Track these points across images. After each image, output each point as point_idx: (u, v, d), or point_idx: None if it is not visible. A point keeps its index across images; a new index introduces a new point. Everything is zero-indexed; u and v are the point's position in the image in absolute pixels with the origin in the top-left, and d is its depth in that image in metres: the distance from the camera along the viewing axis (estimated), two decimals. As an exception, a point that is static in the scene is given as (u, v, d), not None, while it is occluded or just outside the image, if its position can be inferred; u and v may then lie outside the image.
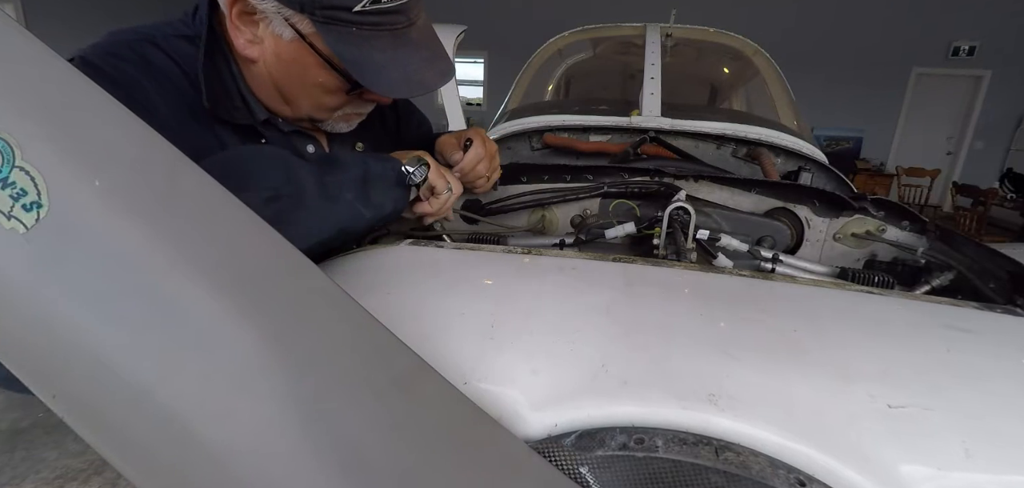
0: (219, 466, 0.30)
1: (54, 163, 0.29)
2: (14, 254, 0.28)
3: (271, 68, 0.60)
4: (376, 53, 0.57)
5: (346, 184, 0.60)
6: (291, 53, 0.58)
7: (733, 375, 0.40)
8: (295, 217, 0.55)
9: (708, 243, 0.79)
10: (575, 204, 0.94)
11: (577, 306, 0.50)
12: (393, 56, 0.58)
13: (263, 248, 0.34)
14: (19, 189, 0.28)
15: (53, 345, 0.29)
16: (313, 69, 0.59)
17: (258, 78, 0.62)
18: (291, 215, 0.55)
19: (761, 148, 1.33)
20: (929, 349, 0.46)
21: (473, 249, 0.65)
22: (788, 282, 0.59)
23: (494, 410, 0.37)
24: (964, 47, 6.93)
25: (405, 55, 0.59)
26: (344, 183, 0.60)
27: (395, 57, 0.59)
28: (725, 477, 0.34)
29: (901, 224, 0.84)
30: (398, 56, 0.59)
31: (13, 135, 0.28)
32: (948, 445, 0.35)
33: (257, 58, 0.60)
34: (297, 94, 0.63)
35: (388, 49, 0.58)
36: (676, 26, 1.73)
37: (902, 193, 6.00)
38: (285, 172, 0.56)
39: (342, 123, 0.70)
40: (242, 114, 0.63)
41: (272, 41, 0.58)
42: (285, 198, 0.54)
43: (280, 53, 0.58)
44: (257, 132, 0.65)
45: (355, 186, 0.61)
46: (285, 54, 0.58)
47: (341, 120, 0.69)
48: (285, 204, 0.54)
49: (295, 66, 0.59)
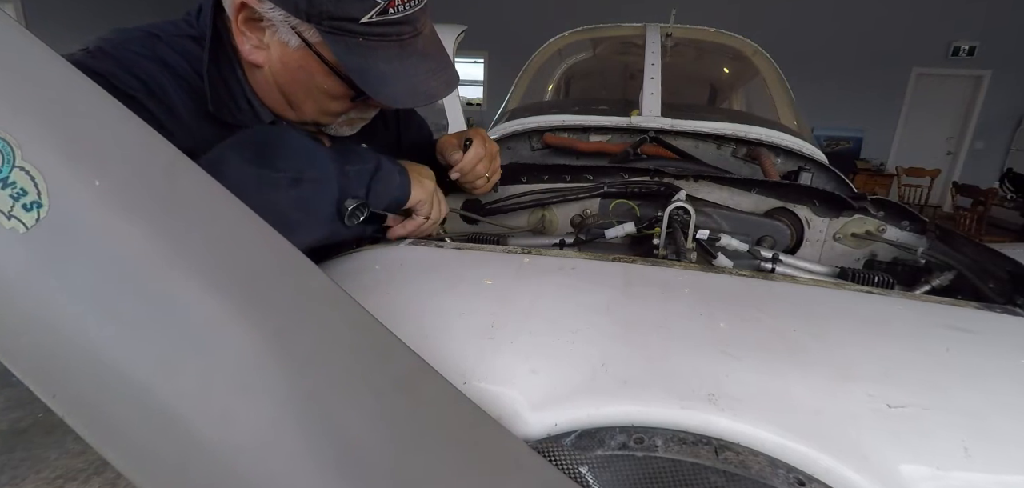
0: (219, 466, 0.30)
1: (54, 163, 0.29)
2: (14, 254, 0.28)
3: (276, 74, 0.60)
4: (382, 64, 0.57)
5: (361, 175, 0.61)
6: (297, 61, 0.58)
7: (733, 375, 0.40)
8: (317, 202, 0.56)
9: (708, 243, 0.79)
10: (575, 204, 0.94)
11: (577, 306, 0.50)
12: (400, 66, 0.58)
13: (263, 248, 0.34)
14: (19, 189, 0.28)
15: (53, 345, 0.29)
16: (319, 76, 0.59)
17: (263, 83, 0.62)
18: (314, 199, 0.56)
19: (761, 148, 1.33)
20: (929, 349, 0.46)
21: (473, 249, 0.65)
22: (788, 282, 0.59)
23: (494, 410, 0.37)
24: (964, 47, 6.93)
25: (411, 65, 0.59)
26: (361, 174, 0.61)
27: (401, 67, 0.59)
28: (725, 477, 0.34)
29: (901, 224, 0.84)
30: (404, 66, 0.59)
31: (13, 135, 0.28)
32: (948, 445, 0.35)
33: (263, 64, 0.60)
34: (302, 100, 0.63)
35: (394, 59, 0.58)
36: (676, 26, 1.73)
37: (902, 193, 6.00)
38: (308, 156, 0.57)
39: (345, 127, 0.70)
40: (247, 117, 0.63)
41: (278, 48, 0.58)
42: (307, 182, 0.55)
43: (286, 60, 0.58)
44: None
45: (366, 178, 0.62)
46: (291, 61, 0.58)
47: (345, 125, 0.69)
48: (307, 188, 0.55)
49: (301, 73, 0.59)
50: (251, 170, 0.51)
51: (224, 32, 0.61)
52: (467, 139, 0.78)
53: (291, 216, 0.54)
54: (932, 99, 7.29)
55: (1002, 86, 6.96)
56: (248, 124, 0.63)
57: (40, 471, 1.86)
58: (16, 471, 1.87)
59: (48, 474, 1.85)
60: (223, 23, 0.61)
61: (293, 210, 0.54)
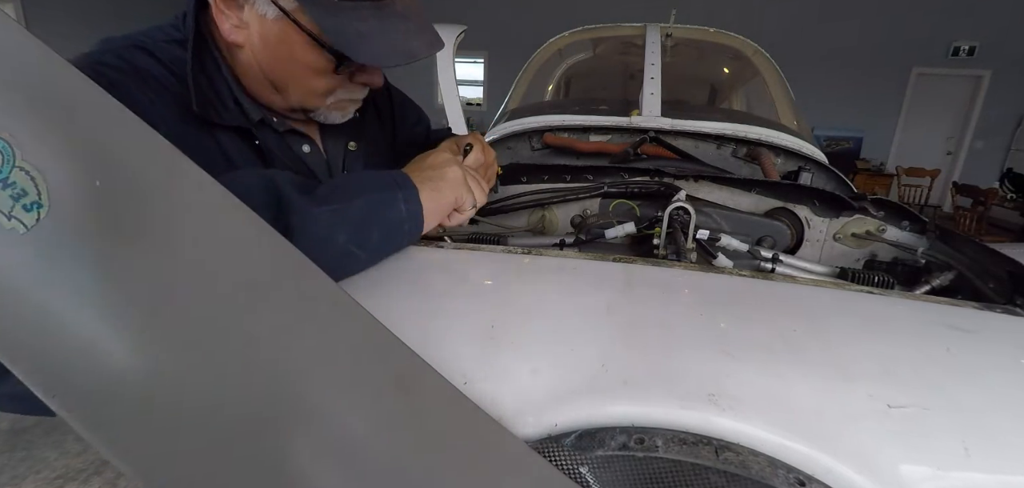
0: (219, 465, 0.30)
1: (54, 163, 0.29)
2: (14, 254, 0.28)
3: (258, 53, 0.61)
4: (359, 23, 0.57)
5: (341, 224, 0.52)
6: (276, 33, 0.59)
7: (733, 375, 0.40)
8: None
9: (708, 243, 0.79)
10: (575, 204, 0.94)
11: (577, 306, 0.50)
12: (378, 25, 0.59)
13: (263, 248, 0.34)
14: (19, 189, 0.28)
15: (53, 345, 0.29)
16: (299, 48, 0.59)
17: (246, 67, 0.62)
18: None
19: (761, 148, 1.33)
20: (929, 349, 0.46)
21: (473, 249, 0.65)
22: (788, 282, 0.59)
23: (494, 410, 0.37)
24: (964, 47, 6.94)
25: (390, 25, 0.60)
26: (338, 223, 0.51)
27: (380, 27, 0.59)
28: (725, 477, 0.34)
29: (901, 224, 0.84)
30: (383, 26, 0.59)
31: (13, 135, 0.28)
32: (948, 445, 0.35)
33: (243, 43, 0.60)
34: (286, 79, 0.63)
35: (371, 19, 0.58)
36: (676, 26, 1.73)
37: (902, 193, 6.00)
38: (274, 204, 0.48)
39: (335, 112, 0.70)
40: (234, 116, 0.63)
41: (257, 23, 0.59)
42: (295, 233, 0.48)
43: (265, 34, 0.59)
44: (251, 134, 0.65)
45: (351, 226, 0.52)
46: (270, 35, 0.59)
47: (334, 108, 0.69)
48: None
49: (281, 47, 0.59)
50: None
51: (206, 29, 0.62)
52: (467, 144, 0.78)
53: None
54: (932, 99, 7.30)
55: (1002, 86, 6.97)
56: (236, 123, 0.63)
57: (40, 471, 1.87)
58: (16, 471, 1.87)
59: (48, 474, 1.85)
60: (206, 19, 0.61)
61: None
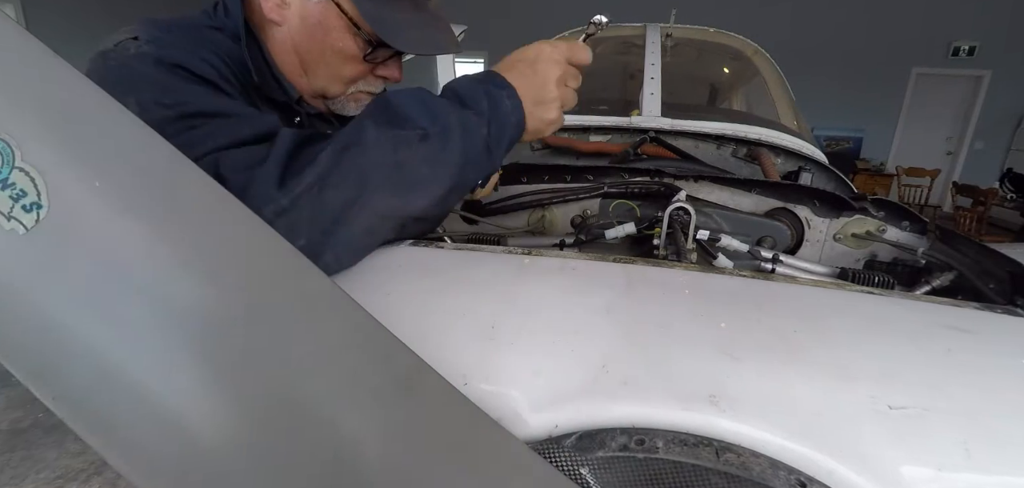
0: (219, 466, 0.30)
1: (54, 163, 0.29)
2: (14, 255, 0.28)
3: (294, 33, 0.63)
4: (398, 14, 0.62)
5: (478, 124, 0.55)
6: (316, 15, 0.62)
7: (734, 376, 0.40)
8: (442, 158, 0.53)
9: (708, 243, 0.79)
10: (575, 204, 0.94)
11: (577, 306, 0.50)
12: (415, 18, 0.64)
13: (263, 248, 0.34)
14: (19, 190, 0.28)
15: (53, 346, 0.29)
16: (335, 32, 0.62)
17: (280, 45, 0.65)
18: (439, 155, 0.52)
19: (761, 148, 1.33)
20: (929, 349, 0.46)
21: (473, 249, 0.65)
22: (788, 282, 0.59)
23: (494, 411, 0.37)
24: (964, 47, 6.94)
25: (424, 19, 0.66)
26: (477, 123, 0.55)
27: (417, 19, 0.64)
28: (726, 478, 0.34)
29: (901, 224, 0.84)
30: (419, 19, 0.65)
31: (13, 135, 0.28)
32: (948, 446, 0.35)
33: (281, 22, 0.63)
34: (316, 61, 0.65)
35: (409, 12, 0.63)
36: (676, 26, 1.73)
37: (902, 193, 6.00)
38: (429, 111, 0.53)
39: (351, 104, 0.72)
40: (279, 93, 0.67)
41: (299, 3, 0.62)
42: (434, 137, 0.52)
43: (305, 15, 0.62)
44: (293, 110, 0.69)
45: (484, 127, 0.56)
46: (310, 16, 0.62)
47: (351, 99, 0.72)
48: (434, 144, 0.52)
49: (319, 30, 0.62)
50: (387, 132, 0.50)
51: (246, 15, 0.64)
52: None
53: (421, 171, 0.52)
54: (932, 99, 7.30)
55: (1002, 86, 6.97)
56: (280, 99, 0.67)
57: (40, 471, 1.87)
58: (16, 471, 1.87)
59: (48, 474, 1.85)
60: (247, 6, 0.64)
61: (422, 166, 0.52)
